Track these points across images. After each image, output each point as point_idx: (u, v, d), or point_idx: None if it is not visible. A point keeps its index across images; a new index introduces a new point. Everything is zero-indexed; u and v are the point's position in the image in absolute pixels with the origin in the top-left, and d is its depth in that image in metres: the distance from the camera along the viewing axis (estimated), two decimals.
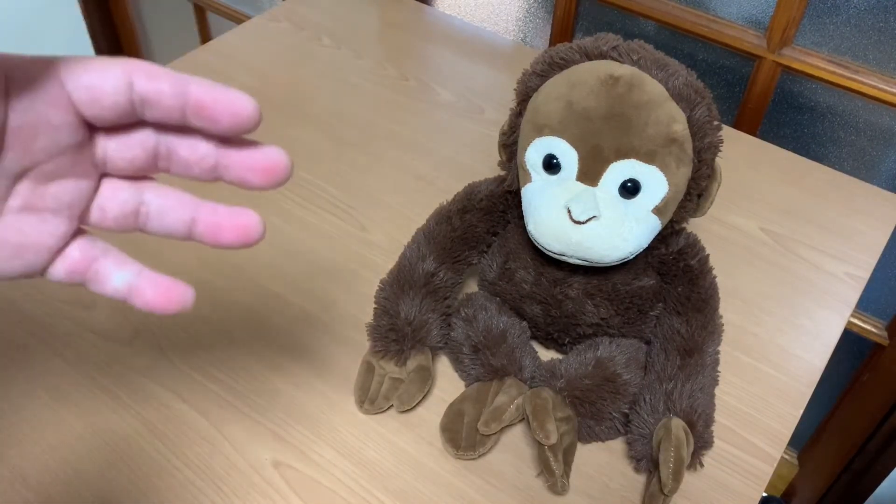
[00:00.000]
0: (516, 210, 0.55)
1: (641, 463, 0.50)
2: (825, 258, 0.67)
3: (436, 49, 0.90)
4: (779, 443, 0.53)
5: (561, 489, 0.49)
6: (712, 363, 0.53)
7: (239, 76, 0.84)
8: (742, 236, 0.68)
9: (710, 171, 0.49)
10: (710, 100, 0.48)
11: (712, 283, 0.54)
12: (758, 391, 0.56)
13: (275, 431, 0.52)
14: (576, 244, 0.47)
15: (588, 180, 0.47)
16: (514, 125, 0.52)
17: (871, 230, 0.69)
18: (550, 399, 0.50)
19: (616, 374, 0.51)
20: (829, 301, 0.63)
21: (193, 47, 0.90)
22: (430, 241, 0.56)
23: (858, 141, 0.88)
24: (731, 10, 0.87)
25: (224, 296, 0.61)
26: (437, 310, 0.55)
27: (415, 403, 0.53)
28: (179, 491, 0.49)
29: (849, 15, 0.80)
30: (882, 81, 0.81)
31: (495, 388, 0.53)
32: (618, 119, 0.46)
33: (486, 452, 0.52)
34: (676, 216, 0.50)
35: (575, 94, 0.47)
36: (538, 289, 0.54)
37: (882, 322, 1.00)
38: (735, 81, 0.91)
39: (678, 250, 0.53)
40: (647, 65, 0.47)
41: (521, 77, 0.52)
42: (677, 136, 0.46)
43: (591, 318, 0.53)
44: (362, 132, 0.78)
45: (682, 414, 0.49)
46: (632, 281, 0.53)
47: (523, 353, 0.54)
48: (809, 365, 0.58)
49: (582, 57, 0.49)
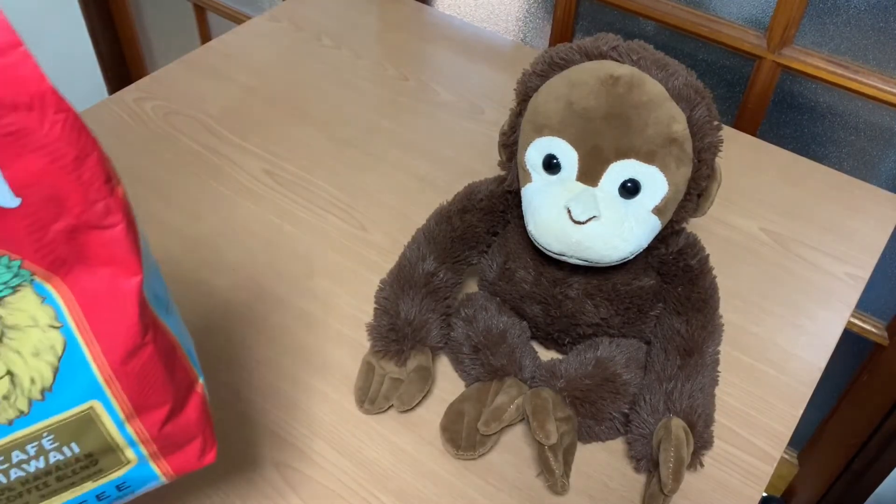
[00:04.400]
0: (516, 210, 0.55)
1: (641, 463, 0.50)
2: (825, 258, 0.67)
3: (436, 49, 0.90)
4: (779, 443, 0.53)
5: (561, 489, 0.49)
6: (712, 363, 0.53)
7: (239, 76, 0.84)
8: (742, 236, 0.68)
9: (709, 172, 0.49)
10: (709, 100, 0.48)
11: (712, 283, 0.54)
12: (758, 391, 0.56)
13: (275, 431, 0.52)
14: (576, 244, 0.47)
15: (588, 180, 0.47)
16: (514, 125, 0.52)
17: (871, 230, 0.69)
18: (550, 399, 0.50)
19: (616, 374, 0.51)
20: (829, 301, 0.63)
21: (193, 47, 0.90)
22: (430, 241, 0.56)
23: (858, 141, 0.88)
24: (731, 10, 0.87)
25: (224, 296, 0.61)
26: (437, 310, 0.55)
27: (415, 403, 0.53)
28: (180, 491, 0.49)
29: (849, 15, 0.80)
30: (882, 81, 0.81)
31: (495, 388, 0.53)
32: (618, 119, 0.46)
33: (487, 452, 0.52)
34: (676, 216, 0.50)
35: (575, 94, 0.47)
36: (538, 289, 0.54)
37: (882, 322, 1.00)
38: (735, 81, 0.91)
39: (678, 250, 0.53)
40: (646, 65, 0.47)
41: (521, 77, 0.52)
42: (677, 137, 0.46)
43: (591, 318, 0.53)
44: (362, 132, 0.78)
45: (682, 414, 0.49)
46: (632, 281, 0.53)
47: (523, 353, 0.54)
48: (809, 365, 0.58)
49: (582, 57, 0.49)
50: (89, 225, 0.31)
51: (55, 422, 0.33)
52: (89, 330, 0.32)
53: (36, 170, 0.29)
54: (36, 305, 0.32)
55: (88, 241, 0.31)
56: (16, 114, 0.27)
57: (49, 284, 0.31)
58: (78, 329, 0.32)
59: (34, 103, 0.27)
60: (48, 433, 0.33)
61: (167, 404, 0.35)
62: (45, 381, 0.32)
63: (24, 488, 0.34)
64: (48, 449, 0.33)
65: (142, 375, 0.34)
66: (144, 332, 0.33)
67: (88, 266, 0.32)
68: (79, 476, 0.35)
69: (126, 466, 0.36)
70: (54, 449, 0.33)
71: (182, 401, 0.36)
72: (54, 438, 0.33)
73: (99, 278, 0.32)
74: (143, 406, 0.34)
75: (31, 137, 0.28)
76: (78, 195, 0.30)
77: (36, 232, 0.30)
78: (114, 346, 0.33)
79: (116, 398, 0.34)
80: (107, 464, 0.35)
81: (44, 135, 0.28)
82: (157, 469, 0.37)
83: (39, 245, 0.31)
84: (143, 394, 0.34)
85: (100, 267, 0.32)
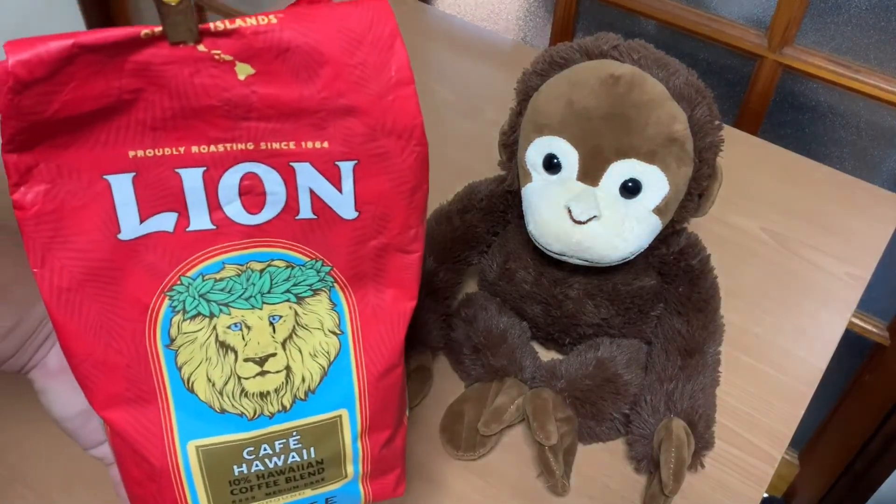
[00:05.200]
0: (516, 210, 0.55)
1: (642, 463, 0.50)
2: (826, 258, 0.66)
3: (436, 49, 0.90)
4: (780, 443, 0.53)
5: (561, 490, 0.48)
6: (713, 363, 0.52)
7: None
8: (743, 236, 0.68)
9: (710, 171, 0.49)
10: (710, 99, 0.48)
11: (713, 284, 0.54)
12: (759, 391, 0.56)
13: None
14: (576, 244, 0.47)
15: (588, 180, 0.47)
16: (514, 125, 0.52)
17: (872, 230, 0.69)
18: (551, 399, 0.50)
19: (617, 375, 0.51)
20: (830, 301, 0.63)
21: None
22: (430, 241, 0.56)
23: (859, 141, 0.88)
24: (732, 10, 0.87)
25: None
26: (437, 310, 0.55)
27: (415, 403, 0.53)
28: None
29: (850, 14, 0.80)
30: (883, 81, 0.81)
31: (495, 388, 0.53)
32: (618, 119, 0.46)
33: (487, 453, 0.52)
34: (677, 216, 0.50)
35: (575, 94, 0.47)
36: (538, 289, 0.54)
37: (883, 322, 1.00)
38: (736, 81, 0.91)
39: (679, 250, 0.53)
40: (647, 64, 0.47)
41: (521, 76, 0.51)
42: (678, 136, 0.46)
43: (592, 318, 0.53)
44: None
45: (683, 414, 0.49)
46: (632, 281, 0.53)
47: (524, 354, 0.54)
48: (810, 365, 0.58)
49: (582, 56, 0.49)
50: (398, 248, 0.33)
51: (307, 423, 0.34)
52: (362, 342, 0.34)
53: (380, 191, 0.31)
54: (326, 310, 0.34)
55: (391, 261, 0.34)
56: (387, 139, 0.30)
57: (342, 294, 0.34)
58: (353, 339, 0.34)
59: (404, 133, 0.30)
60: (297, 433, 0.34)
61: (390, 428, 0.37)
62: (313, 382, 0.34)
63: (256, 482, 0.34)
64: (292, 448, 0.34)
65: (386, 395, 0.36)
66: (402, 354, 0.35)
67: (380, 284, 0.34)
68: (304, 481, 0.36)
69: (343, 481, 0.37)
70: (296, 450, 0.35)
71: (397, 428, 0.38)
72: (300, 439, 0.34)
73: (384, 297, 0.34)
74: (376, 425, 0.36)
75: (389, 162, 0.30)
76: (401, 219, 0.32)
77: (355, 244, 0.32)
78: (377, 360, 0.35)
79: (361, 412, 0.35)
80: (330, 474, 0.36)
81: (400, 162, 0.30)
82: (361, 490, 0.38)
83: (353, 257, 0.33)
84: (381, 413, 0.36)
85: (389, 287, 0.34)
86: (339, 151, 0.30)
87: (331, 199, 0.31)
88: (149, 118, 0.28)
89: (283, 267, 0.32)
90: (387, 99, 0.29)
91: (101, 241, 0.30)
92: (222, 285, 0.32)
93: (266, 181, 0.30)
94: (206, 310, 0.32)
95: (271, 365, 0.33)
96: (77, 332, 0.30)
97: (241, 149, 0.29)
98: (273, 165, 0.30)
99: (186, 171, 0.29)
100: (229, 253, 0.31)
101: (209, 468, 0.33)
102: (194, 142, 0.29)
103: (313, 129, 0.29)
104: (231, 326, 0.32)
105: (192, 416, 0.33)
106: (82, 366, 0.31)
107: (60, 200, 0.29)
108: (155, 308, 0.31)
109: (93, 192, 0.29)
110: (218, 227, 0.31)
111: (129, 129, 0.28)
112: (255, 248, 0.32)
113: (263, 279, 0.32)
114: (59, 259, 0.29)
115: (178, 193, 0.30)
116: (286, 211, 0.31)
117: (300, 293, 0.33)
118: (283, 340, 0.33)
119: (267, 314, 0.33)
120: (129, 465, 0.34)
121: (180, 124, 0.28)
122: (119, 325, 0.31)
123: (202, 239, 0.31)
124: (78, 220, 0.29)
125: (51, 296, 0.30)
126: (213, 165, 0.30)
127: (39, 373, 0.36)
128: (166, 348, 0.32)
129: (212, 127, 0.29)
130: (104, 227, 0.29)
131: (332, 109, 0.29)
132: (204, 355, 0.32)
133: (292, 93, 0.28)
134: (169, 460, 0.33)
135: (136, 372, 0.32)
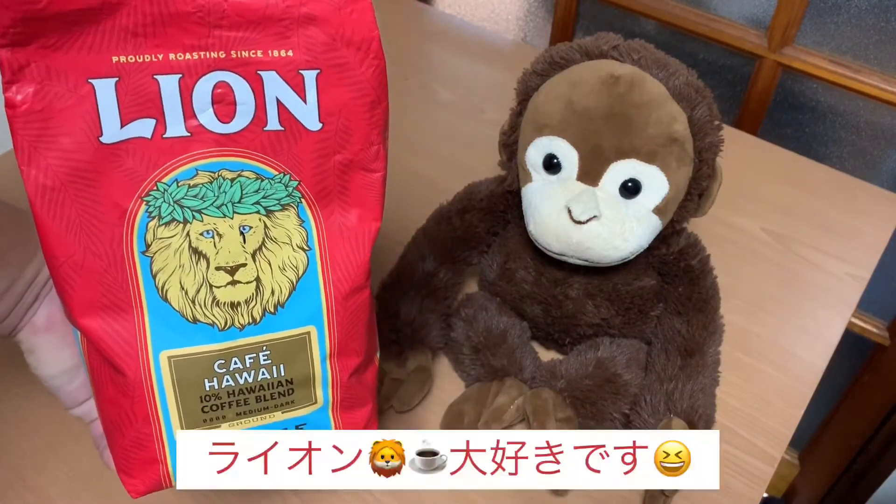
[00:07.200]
0: (516, 210, 0.55)
1: None
2: (826, 258, 0.66)
3: (436, 49, 0.90)
4: (780, 443, 0.53)
5: (561, 490, 0.48)
6: (713, 363, 0.52)
7: None
8: (743, 236, 0.68)
9: (710, 171, 0.49)
10: (710, 99, 0.48)
11: (713, 284, 0.54)
12: (759, 391, 0.56)
13: None
14: (576, 244, 0.47)
15: (588, 180, 0.47)
16: (514, 125, 0.52)
17: (872, 230, 0.69)
18: (551, 399, 0.50)
19: (617, 375, 0.51)
20: (830, 301, 0.63)
21: None
22: (430, 241, 0.56)
23: (859, 141, 0.88)
24: (732, 10, 0.87)
25: None
26: (437, 310, 0.55)
27: (415, 403, 0.53)
28: (179, 491, 0.48)
29: (850, 14, 0.80)
30: (883, 81, 0.81)
31: (495, 388, 0.53)
32: (618, 119, 0.46)
33: None
34: (677, 216, 0.50)
35: (575, 94, 0.47)
36: (538, 289, 0.54)
37: (883, 322, 1.00)
38: (736, 81, 0.91)
39: (679, 250, 0.53)
40: (647, 64, 0.47)
41: (521, 76, 0.51)
42: (678, 136, 0.46)
43: (592, 318, 0.53)
44: None
45: (683, 414, 0.49)
46: (632, 281, 0.53)
47: (524, 354, 0.54)
48: (810, 365, 0.58)
49: (582, 56, 0.49)
50: (360, 165, 0.35)
51: (276, 338, 0.35)
52: (329, 260, 0.36)
53: (342, 102, 0.33)
54: (294, 225, 0.35)
55: (354, 179, 0.35)
56: (347, 49, 0.32)
57: (310, 210, 0.35)
58: (320, 256, 0.36)
59: (362, 45, 0.32)
60: (267, 347, 0.35)
61: (360, 357, 0.38)
62: (282, 295, 0.35)
63: (227, 400, 0.35)
64: (262, 364, 0.35)
65: (353, 317, 0.37)
66: (367, 276, 0.37)
67: (345, 203, 0.35)
68: (273, 402, 0.36)
69: (312, 406, 0.37)
70: (266, 366, 0.35)
71: (367, 362, 0.39)
72: (270, 355, 0.35)
73: (349, 216, 0.36)
74: (345, 349, 0.37)
75: (349, 73, 0.32)
76: (362, 134, 0.34)
77: (320, 158, 0.34)
78: (343, 279, 0.36)
79: (329, 331, 0.36)
80: (300, 396, 0.37)
81: (359, 74, 0.32)
82: (332, 420, 0.38)
83: (318, 171, 0.34)
84: (349, 335, 0.37)
85: (353, 206, 0.36)
86: (302, 60, 0.32)
87: (296, 108, 0.33)
88: (131, 24, 0.30)
89: (253, 178, 0.34)
90: (345, 10, 0.31)
91: (85, 143, 0.31)
92: (195, 191, 0.33)
93: (236, 90, 0.32)
94: (181, 215, 0.33)
95: (242, 275, 0.34)
96: (59, 232, 0.32)
97: (213, 57, 0.31)
98: (243, 74, 0.32)
99: (164, 77, 0.31)
100: (202, 160, 0.33)
101: (181, 380, 0.34)
102: (171, 49, 0.31)
103: (278, 37, 0.31)
104: (204, 233, 0.34)
105: (166, 326, 0.34)
106: (62, 268, 0.32)
107: (48, 101, 0.30)
108: (132, 213, 0.33)
109: (78, 94, 0.30)
110: (192, 134, 0.32)
111: (114, 35, 0.30)
112: (227, 156, 0.33)
113: (234, 188, 0.33)
114: (44, 158, 0.31)
115: (155, 100, 0.31)
116: (255, 122, 0.33)
117: (269, 206, 0.34)
118: (254, 252, 0.34)
119: (238, 223, 0.34)
120: (104, 383, 0.35)
121: (159, 31, 0.30)
122: (98, 229, 0.32)
123: (177, 145, 0.32)
124: (63, 120, 0.30)
125: (36, 194, 0.31)
126: (188, 73, 0.31)
127: (28, 331, 0.37)
128: (142, 255, 0.33)
129: (187, 34, 0.31)
130: (88, 129, 0.31)
131: (296, 18, 0.31)
132: (178, 262, 0.34)
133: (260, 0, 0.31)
134: (142, 370, 0.34)
135: (112, 278, 0.33)
